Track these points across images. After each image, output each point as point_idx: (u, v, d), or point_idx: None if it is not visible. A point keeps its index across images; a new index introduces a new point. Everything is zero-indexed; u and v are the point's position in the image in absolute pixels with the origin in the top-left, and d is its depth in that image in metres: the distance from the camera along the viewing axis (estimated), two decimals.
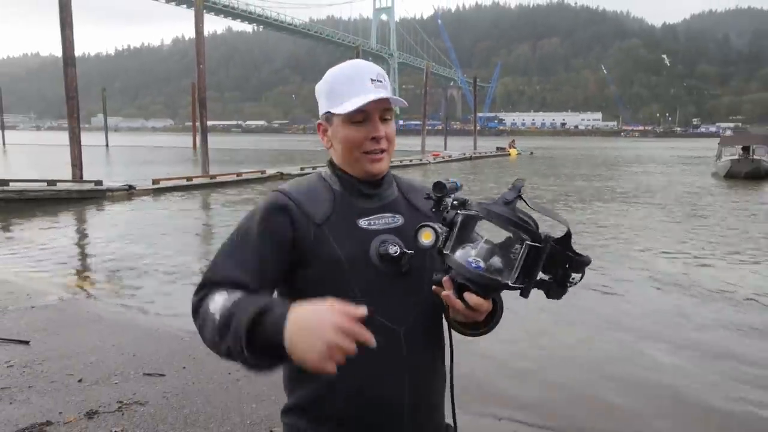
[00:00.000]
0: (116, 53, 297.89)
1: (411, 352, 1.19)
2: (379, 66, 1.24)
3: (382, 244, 1.17)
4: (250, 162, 29.21)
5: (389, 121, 1.22)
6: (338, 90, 1.20)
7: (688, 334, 5.12)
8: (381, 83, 1.19)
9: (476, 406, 3.57)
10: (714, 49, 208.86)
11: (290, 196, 1.20)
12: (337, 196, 1.22)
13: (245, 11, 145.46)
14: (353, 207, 1.22)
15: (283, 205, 1.18)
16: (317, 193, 1.22)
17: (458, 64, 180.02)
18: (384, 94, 1.18)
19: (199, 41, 19.59)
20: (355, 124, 1.19)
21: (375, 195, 1.25)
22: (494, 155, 40.85)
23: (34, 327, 4.77)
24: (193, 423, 3.21)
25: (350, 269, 1.16)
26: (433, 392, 1.25)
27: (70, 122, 15.65)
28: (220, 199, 15.33)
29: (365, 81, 1.18)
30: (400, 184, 1.32)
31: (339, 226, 1.19)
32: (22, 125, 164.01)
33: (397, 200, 1.27)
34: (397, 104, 1.24)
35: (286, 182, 1.27)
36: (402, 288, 1.19)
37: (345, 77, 1.20)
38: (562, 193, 16.91)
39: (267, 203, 1.21)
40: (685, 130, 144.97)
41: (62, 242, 9.22)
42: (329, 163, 1.28)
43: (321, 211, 1.19)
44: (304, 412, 1.20)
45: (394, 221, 1.23)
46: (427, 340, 1.23)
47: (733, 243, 9.36)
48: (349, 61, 1.25)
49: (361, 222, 1.21)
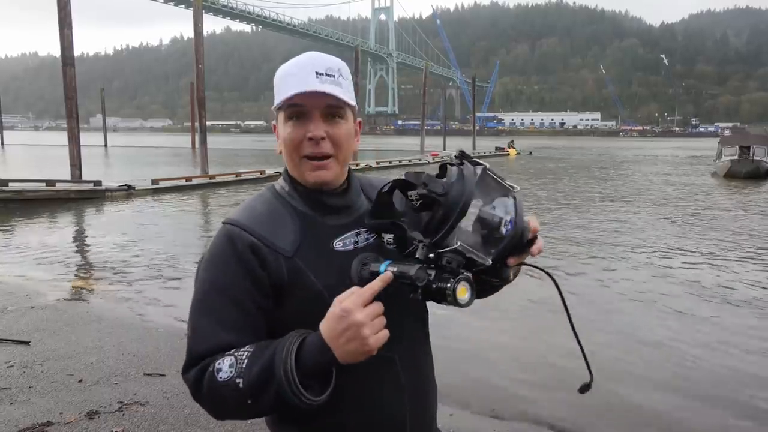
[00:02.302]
0: (115, 53, 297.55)
1: (408, 374, 1.12)
2: (339, 60, 1.09)
3: (363, 267, 1.04)
4: (249, 162, 29.20)
5: (338, 121, 1.06)
6: (280, 84, 1.08)
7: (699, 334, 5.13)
8: (331, 78, 1.04)
9: (476, 406, 3.58)
10: (712, 49, 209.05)
11: (251, 232, 1.03)
12: (303, 218, 1.07)
13: (244, 11, 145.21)
14: (323, 228, 1.08)
15: (248, 244, 1.03)
16: (278, 218, 1.07)
17: (457, 63, 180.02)
18: (327, 89, 1.03)
19: (197, 41, 19.58)
20: (293, 120, 1.06)
21: (344, 207, 1.11)
22: (493, 155, 40.87)
23: (34, 327, 4.77)
24: (194, 423, 3.21)
25: (332, 299, 1.00)
26: (431, 404, 1.20)
27: (68, 122, 15.64)
28: (219, 199, 15.33)
29: (309, 74, 1.03)
30: (363, 186, 1.18)
31: (312, 254, 1.05)
32: (20, 125, 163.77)
33: (368, 208, 1.13)
34: (346, 101, 1.06)
35: (236, 212, 1.09)
36: (390, 310, 1.00)
37: (290, 69, 1.07)
38: (564, 193, 16.92)
39: (225, 245, 1.04)
40: (683, 130, 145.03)
41: (61, 242, 9.21)
42: (285, 173, 1.12)
43: (288, 240, 1.05)
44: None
45: (368, 237, 1.10)
46: (420, 357, 1.17)
47: (741, 243, 9.38)
48: (306, 53, 1.10)
49: (336, 244, 1.07)
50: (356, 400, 1.06)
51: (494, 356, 4.54)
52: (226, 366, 0.96)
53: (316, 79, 1.03)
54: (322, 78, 1.03)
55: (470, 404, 3.62)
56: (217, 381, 0.96)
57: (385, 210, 1.05)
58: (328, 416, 1.05)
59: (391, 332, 1.00)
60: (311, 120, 1.04)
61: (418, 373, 1.15)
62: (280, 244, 1.04)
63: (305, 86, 1.02)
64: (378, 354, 0.98)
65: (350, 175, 1.14)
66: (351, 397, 1.05)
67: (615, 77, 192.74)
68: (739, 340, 4.96)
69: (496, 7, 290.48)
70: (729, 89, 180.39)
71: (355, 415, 1.07)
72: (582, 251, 8.59)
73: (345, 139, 1.07)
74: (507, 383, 4.02)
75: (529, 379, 4.12)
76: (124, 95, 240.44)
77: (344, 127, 1.07)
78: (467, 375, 4.09)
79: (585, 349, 1.06)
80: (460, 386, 3.82)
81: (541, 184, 20.15)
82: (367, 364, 0.98)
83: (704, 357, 4.56)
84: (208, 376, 0.97)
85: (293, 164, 1.08)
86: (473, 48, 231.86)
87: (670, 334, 5.08)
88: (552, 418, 3.49)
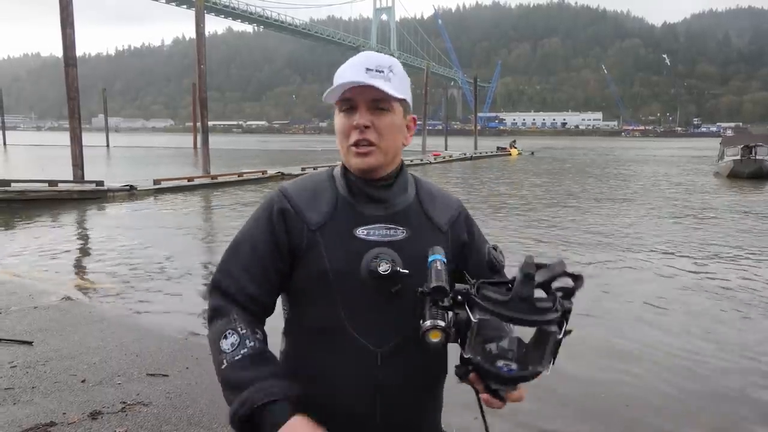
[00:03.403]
0: (117, 53, 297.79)
1: (387, 374, 1.12)
2: (392, 58, 1.17)
3: (375, 260, 1.08)
4: (251, 162, 29.23)
5: (384, 112, 1.13)
6: (335, 81, 1.14)
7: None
8: (380, 74, 1.11)
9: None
10: (714, 49, 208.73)
11: (290, 199, 1.16)
12: (340, 200, 1.15)
13: (246, 11, 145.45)
14: (354, 214, 1.14)
15: (281, 209, 1.15)
16: (319, 195, 1.16)
17: (458, 63, 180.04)
18: (373, 82, 1.09)
19: (199, 41, 19.59)
20: (343, 112, 1.14)
21: (383, 200, 1.16)
22: (495, 155, 40.86)
23: (37, 327, 4.77)
24: (197, 423, 3.20)
25: (336, 282, 1.10)
26: (413, 413, 1.18)
27: (71, 122, 15.63)
28: (221, 199, 15.33)
29: (360, 70, 1.11)
30: (420, 188, 1.23)
31: (334, 234, 1.12)
32: (22, 126, 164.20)
33: (409, 208, 1.18)
34: (392, 94, 1.12)
35: (292, 180, 1.22)
36: (390, 308, 1.10)
37: (345, 66, 1.15)
38: (568, 194, 16.90)
39: (266, 205, 1.18)
40: (686, 130, 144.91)
41: (64, 242, 9.21)
42: (343, 162, 1.22)
43: (318, 216, 1.13)
44: None
45: (395, 234, 1.13)
46: (410, 366, 1.15)
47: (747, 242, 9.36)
48: (363, 52, 1.19)
49: (359, 231, 1.12)
50: (325, 387, 1.13)
51: None
52: (229, 341, 1.09)
53: (366, 74, 1.10)
54: (372, 73, 1.11)
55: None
56: (218, 342, 1.09)
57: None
58: (304, 390, 1.11)
59: (381, 330, 1.10)
60: (358, 110, 1.12)
61: (401, 377, 1.14)
62: (308, 215, 1.13)
63: (353, 79, 1.10)
64: (359, 344, 1.10)
65: (401, 172, 1.20)
66: (321, 384, 1.13)
67: (617, 77, 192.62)
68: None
69: (497, 7, 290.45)
70: (731, 89, 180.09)
71: (323, 399, 1.13)
72: (591, 252, 8.58)
73: (389, 130, 1.13)
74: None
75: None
76: (126, 96, 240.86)
77: (389, 118, 1.13)
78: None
79: None
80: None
81: (542, 183, 20.12)
82: (344, 350, 1.10)
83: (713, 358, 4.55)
84: (218, 329, 1.11)
85: (343, 151, 1.16)
86: (475, 48, 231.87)
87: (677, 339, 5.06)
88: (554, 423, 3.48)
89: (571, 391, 3.80)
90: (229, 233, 10.27)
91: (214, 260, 8.20)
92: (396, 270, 1.08)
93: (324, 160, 28.85)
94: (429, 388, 1.21)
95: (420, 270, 1.06)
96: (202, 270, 7.47)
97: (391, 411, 1.14)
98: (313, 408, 1.10)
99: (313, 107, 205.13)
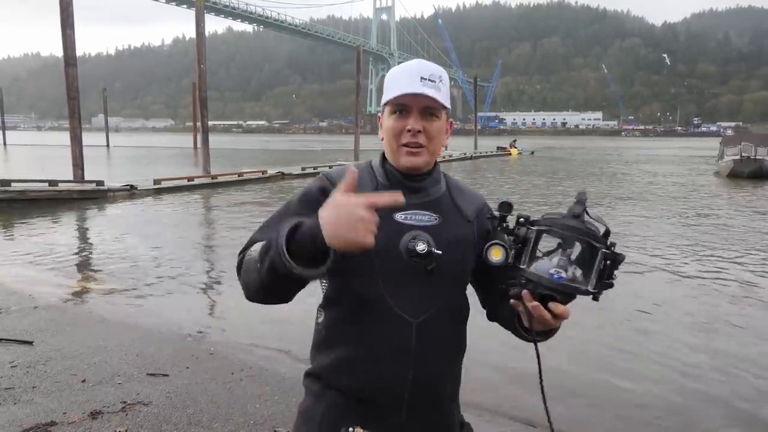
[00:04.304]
0: (117, 53, 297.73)
1: (420, 345, 1.23)
2: (440, 68, 1.28)
3: (412, 240, 1.20)
4: (252, 162, 29.23)
5: (433, 118, 1.25)
6: (390, 84, 1.26)
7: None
8: (433, 83, 1.23)
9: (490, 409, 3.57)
10: (714, 48, 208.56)
11: (332, 180, 1.26)
12: (380, 188, 1.27)
13: (246, 11, 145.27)
14: None
15: (323, 187, 1.26)
16: (360, 181, 1.24)
17: (458, 63, 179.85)
18: (427, 92, 1.22)
19: (199, 41, 19.60)
20: (396, 114, 1.26)
21: (419, 190, 1.28)
22: (495, 155, 40.85)
23: (38, 327, 4.78)
24: (197, 423, 3.21)
25: (377, 258, 1.20)
26: (441, 386, 1.30)
27: (71, 122, 15.64)
28: (221, 199, 15.33)
29: (415, 78, 1.23)
30: (449, 182, 1.37)
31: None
32: (23, 125, 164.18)
33: (441, 198, 1.31)
34: (442, 103, 1.25)
35: (334, 168, 1.33)
36: (425, 284, 1.23)
37: (400, 73, 1.26)
38: (563, 195, 16.90)
39: (310, 184, 1.30)
40: (686, 130, 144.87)
41: (64, 242, 9.22)
42: (381, 155, 1.33)
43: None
44: (318, 378, 1.30)
45: (430, 220, 1.26)
46: (440, 337, 1.27)
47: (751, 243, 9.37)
48: (416, 60, 1.29)
49: (397, 216, 1.24)
50: (365, 352, 1.23)
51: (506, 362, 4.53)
52: (258, 245, 1.16)
53: (420, 82, 1.22)
54: (426, 82, 1.23)
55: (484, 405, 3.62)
56: (247, 256, 1.19)
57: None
58: (337, 362, 1.25)
59: (416, 303, 1.23)
60: (411, 115, 1.24)
61: (432, 349, 1.25)
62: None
63: (411, 88, 1.22)
64: (396, 313, 1.22)
65: (435, 168, 1.33)
66: (360, 350, 1.24)
67: (617, 77, 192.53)
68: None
69: (497, 6, 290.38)
70: (731, 89, 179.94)
71: (360, 364, 1.24)
72: None
73: (437, 133, 1.27)
74: (518, 390, 4.01)
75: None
76: (126, 95, 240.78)
77: (437, 124, 1.27)
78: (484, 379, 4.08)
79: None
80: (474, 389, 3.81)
81: (542, 184, 20.13)
82: (382, 320, 1.22)
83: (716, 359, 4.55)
84: (246, 254, 1.20)
85: (391, 150, 1.28)
86: (475, 48, 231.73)
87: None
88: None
89: (571, 389, 3.81)
90: (229, 233, 10.28)
91: (214, 260, 8.21)
92: (431, 250, 1.19)
93: (325, 161, 28.85)
94: (453, 360, 1.34)
95: (451, 252, 1.23)
96: (203, 269, 7.48)
97: (420, 376, 1.25)
98: (350, 372, 1.24)
99: (313, 107, 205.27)
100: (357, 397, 1.24)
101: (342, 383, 1.25)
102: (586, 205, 1.13)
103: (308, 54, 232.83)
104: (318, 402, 1.28)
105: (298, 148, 54.34)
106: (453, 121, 1.34)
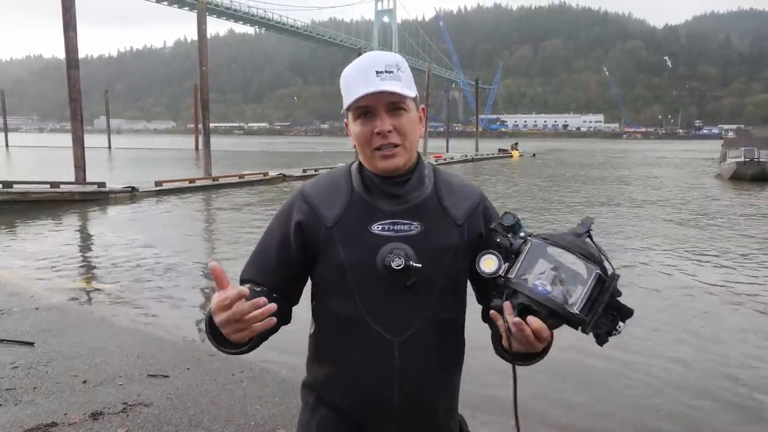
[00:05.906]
0: (119, 55, 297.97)
1: (405, 363, 1.18)
2: (395, 55, 1.18)
3: (389, 255, 1.13)
4: (252, 163, 29.25)
5: (401, 112, 1.15)
6: (347, 85, 1.16)
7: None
8: (391, 74, 1.13)
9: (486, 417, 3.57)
10: (716, 51, 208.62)
11: (307, 198, 1.22)
12: (355, 196, 1.20)
13: (247, 13, 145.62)
14: (370, 210, 1.18)
15: (298, 208, 1.22)
16: (335, 191, 1.21)
17: (460, 65, 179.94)
18: (387, 86, 1.12)
19: (201, 43, 19.65)
20: (361, 118, 1.16)
21: (399, 195, 1.19)
22: (496, 157, 40.85)
23: (39, 328, 4.78)
24: (198, 424, 3.21)
25: (352, 275, 1.16)
26: (433, 400, 1.24)
27: (73, 124, 15.67)
28: (222, 201, 15.35)
29: (370, 74, 1.13)
30: (438, 179, 1.25)
31: (349, 229, 1.18)
32: (25, 127, 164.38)
33: (425, 202, 1.20)
34: (406, 94, 1.16)
35: (313, 179, 1.29)
36: (405, 300, 1.16)
37: (352, 72, 1.17)
38: (572, 197, 16.89)
39: (286, 205, 1.27)
40: (687, 132, 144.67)
41: (66, 244, 9.24)
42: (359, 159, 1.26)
43: (333, 213, 1.19)
44: (312, 390, 1.29)
45: (410, 229, 1.17)
46: (428, 354, 1.20)
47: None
48: (365, 54, 1.18)
49: (374, 227, 1.17)
50: (347, 371, 1.21)
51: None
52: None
53: (377, 77, 1.12)
54: (383, 75, 1.12)
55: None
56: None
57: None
58: (326, 378, 1.25)
59: (397, 320, 1.17)
60: (377, 116, 1.14)
61: (418, 366, 1.19)
62: (325, 213, 1.19)
63: (368, 87, 1.11)
64: (375, 331, 1.17)
65: (418, 167, 1.22)
66: (343, 369, 1.21)
67: (618, 79, 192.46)
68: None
69: (499, 9, 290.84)
70: (732, 91, 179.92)
71: (345, 382, 1.22)
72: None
73: (409, 128, 1.17)
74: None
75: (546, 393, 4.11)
76: (128, 97, 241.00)
77: (407, 117, 1.16)
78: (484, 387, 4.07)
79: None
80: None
81: (546, 187, 20.11)
82: (363, 339, 1.17)
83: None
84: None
85: (365, 156, 1.18)
86: (476, 50, 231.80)
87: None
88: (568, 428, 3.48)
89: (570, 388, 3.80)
90: (229, 234, 10.29)
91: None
92: (409, 264, 1.12)
93: (326, 162, 28.84)
94: (445, 373, 1.25)
95: (435, 262, 1.16)
96: (203, 271, 7.49)
97: (408, 395, 1.19)
98: (338, 389, 1.22)
99: (315, 109, 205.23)
100: (348, 413, 1.22)
101: (333, 399, 1.24)
102: (591, 230, 1.09)
103: (310, 56, 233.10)
104: (313, 415, 1.27)
105: (300, 150, 54.39)
106: (424, 106, 1.24)
